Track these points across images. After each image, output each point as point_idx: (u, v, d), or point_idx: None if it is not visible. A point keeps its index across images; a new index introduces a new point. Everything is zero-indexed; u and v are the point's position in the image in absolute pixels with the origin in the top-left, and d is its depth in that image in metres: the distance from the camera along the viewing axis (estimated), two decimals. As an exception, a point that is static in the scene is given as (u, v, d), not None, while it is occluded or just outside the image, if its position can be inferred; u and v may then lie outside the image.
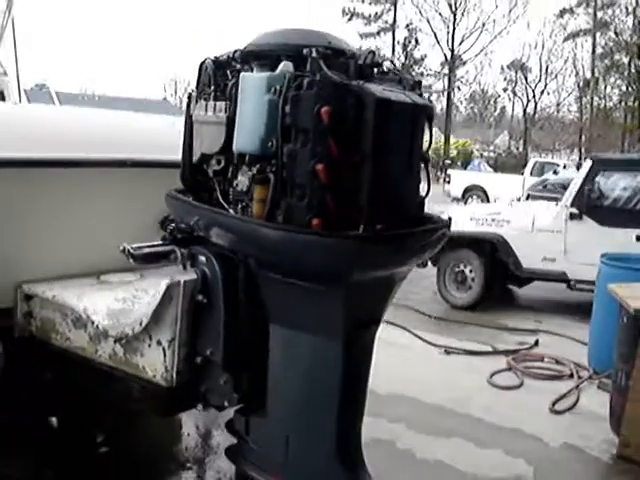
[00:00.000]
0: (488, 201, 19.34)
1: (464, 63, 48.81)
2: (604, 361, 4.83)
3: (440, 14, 46.13)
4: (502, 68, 52.12)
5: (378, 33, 47.53)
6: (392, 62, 1.89)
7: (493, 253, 7.71)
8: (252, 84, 1.76)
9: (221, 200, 1.97)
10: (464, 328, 7.10)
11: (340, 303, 1.79)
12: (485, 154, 42.97)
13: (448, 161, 36.83)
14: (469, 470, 3.97)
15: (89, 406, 3.11)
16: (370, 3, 47.03)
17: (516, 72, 51.12)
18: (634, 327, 4.24)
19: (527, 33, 69.85)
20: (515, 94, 52.74)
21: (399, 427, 4.52)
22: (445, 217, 2.02)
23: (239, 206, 1.90)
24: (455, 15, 45.78)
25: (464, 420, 4.69)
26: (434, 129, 53.25)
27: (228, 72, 1.91)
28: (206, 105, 1.95)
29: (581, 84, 47.38)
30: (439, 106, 51.43)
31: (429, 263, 8.12)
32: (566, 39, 46.47)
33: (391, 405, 4.86)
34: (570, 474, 4.04)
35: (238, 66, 1.88)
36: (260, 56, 1.83)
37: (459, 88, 50.81)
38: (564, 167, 17.12)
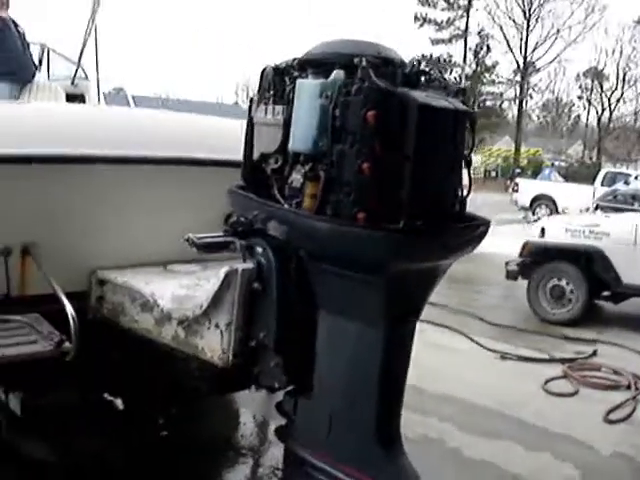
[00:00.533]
0: (557, 211, 18.98)
1: (538, 70, 47.94)
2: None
3: (514, 20, 45.42)
4: (578, 76, 50.96)
5: (450, 40, 47.13)
6: (440, 70, 2.03)
7: (589, 267, 7.44)
8: (307, 89, 1.93)
9: (277, 196, 2.15)
10: (522, 335, 7.12)
11: (382, 292, 1.95)
12: (557, 163, 42.13)
13: (518, 170, 36.27)
14: (514, 470, 4.07)
15: (152, 388, 3.33)
16: (442, 9, 46.71)
17: (592, 80, 49.96)
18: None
19: (604, 40, 68.06)
20: (590, 102, 51.55)
21: (448, 426, 4.64)
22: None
23: (293, 201, 2.08)
24: (529, 21, 45.02)
25: (514, 423, 4.77)
26: (506, 137, 52.51)
27: (286, 78, 2.09)
28: (266, 108, 2.14)
29: (659, 92, 45.97)
30: (510, 114, 50.83)
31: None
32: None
33: (442, 405, 4.98)
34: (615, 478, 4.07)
35: (295, 73, 2.06)
36: (315, 64, 2.00)
37: (531, 96, 49.86)
38: (636, 178, 16.72)
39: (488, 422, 4.74)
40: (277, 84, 2.11)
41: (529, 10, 44.81)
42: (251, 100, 2.24)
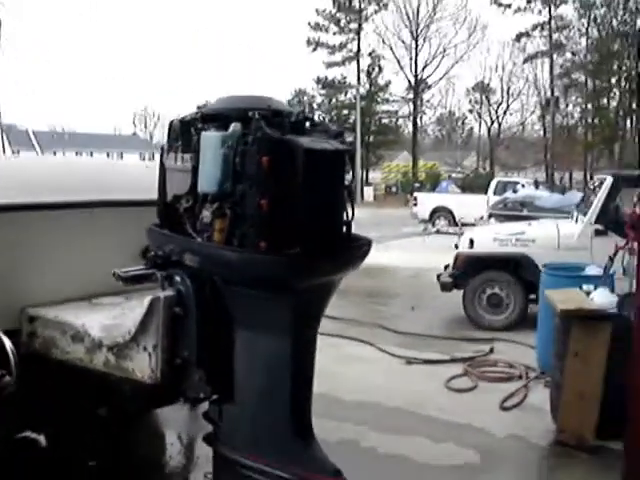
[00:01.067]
0: (455, 222, 19.90)
1: (429, 87, 49.93)
2: (549, 362, 5.33)
3: (402, 41, 47.31)
4: (467, 91, 53.28)
5: (343, 62, 48.57)
6: (321, 117, 2.44)
7: (520, 273, 7.86)
8: (210, 141, 2.29)
9: (190, 231, 2.49)
10: (426, 341, 7.63)
11: (287, 306, 2.32)
12: (453, 175, 43.83)
13: (417, 184, 37.55)
14: (425, 461, 4.51)
15: (87, 415, 3.59)
16: (334, 33, 48.10)
17: (480, 94, 52.39)
18: (564, 328, 4.82)
19: (488, 57, 71.76)
20: (480, 115, 53.98)
21: (363, 429, 5.03)
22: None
23: (204, 235, 2.43)
24: (417, 41, 47.05)
25: (422, 420, 5.23)
26: (404, 153, 53.73)
27: (192, 129, 2.44)
28: (175, 156, 2.49)
29: (543, 103, 48.69)
30: (406, 131, 52.63)
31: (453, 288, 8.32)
32: (525, 61, 47.97)
33: (355, 410, 5.38)
34: (512, 458, 4.59)
35: (199, 125, 2.42)
36: (216, 118, 2.37)
37: (424, 112, 51.81)
38: (522, 186, 17.89)
39: (398, 421, 5.18)
40: (184, 135, 2.46)
41: (416, 30, 46.84)
42: (162, 148, 2.58)
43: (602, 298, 4.86)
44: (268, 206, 2.18)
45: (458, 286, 8.38)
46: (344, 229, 2.48)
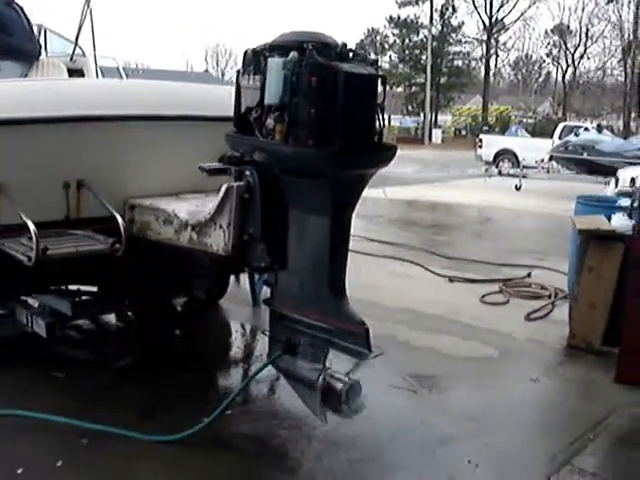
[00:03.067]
0: (518, 164, 20.09)
1: (506, 29, 48.72)
2: (576, 283, 5.93)
3: (479, -20, 46.07)
4: (546, 33, 51.69)
5: (416, 1, 47.79)
6: (362, 48, 3.15)
7: None
8: (274, 65, 3.03)
9: (258, 134, 3.26)
10: (470, 264, 8.30)
11: (327, 191, 3.08)
12: (525, 120, 43.18)
13: (486, 127, 37.30)
14: (449, 353, 5.28)
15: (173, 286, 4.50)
16: (408, -29, 47.19)
17: (559, 37, 50.82)
18: (582, 246, 5.45)
19: (567, -4, 68.90)
20: (558, 59, 52.49)
21: (401, 327, 5.82)
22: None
23: (269, 137, 3.19)
24: (493, -20, 45.73)
25: (454, 324, 5.97)
26: (477, 97, 52.63)
27: (261, 57, 3.18)
28: (248, 77, 3.25)
29: (625, 47, 46.86)
30: (481, 74, 51.74)
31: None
32: (609, 1, 45.99)
33: (396, 314, 6.17)
34: (525, 355, 5.30)
35: (267, 53, 3.16)
36: (280, 48, 3.10)
37: (497, 55, 50.70)
38: (585, 129, 17.96)
39: (433, 323, 5.96)
40: (255, 61, 3.21)
41: (493, -32, 45.52)
42: (238, 72, 3.34)
43: (619, 222, 5.43)
44: (315, 114, 2.93)
45: None
46: (376, 137, 3.21)
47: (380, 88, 3.15)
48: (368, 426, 3.79)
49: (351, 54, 3.14)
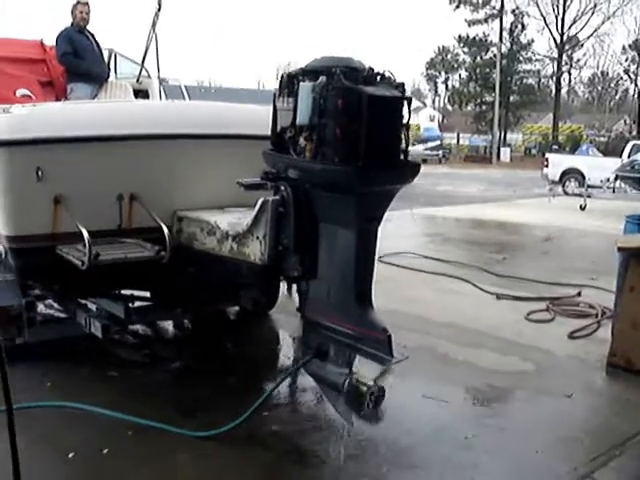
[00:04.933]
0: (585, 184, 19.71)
1: (580, 45, 47.85)
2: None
3: (549, -4, 45.43)
4: (623, 48, 50.48)
5: (486, 20, 47.55)
6: (390, 72, 3.37)
7: None
8: (305, 89, 3.29)
9: (292, 152, 3.51)
10: (523, 283, 8.32)
11: (352, 205, 3.31)
12: (598, 139, 42.24)
13: (555, 147, 36.71)
14: (486, 366, 5.38)
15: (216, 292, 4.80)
16: (478, -10, 47.00)
17: (638, 52, 49.56)
18: (623, 264, 5.48)
19: (645, 12, 67.02)
20: (635, 76, 51.18)
21: (441, 341, 5.95)
22: None
23: (301, 155, 3.44)
24: (565, -3, 45.04)
25: (495, 339, 6.06)
26: (549, 115, 51.59)
27: (295, 81, 3.45)
28: (283, 100, 3.52)
29: None
30: (553, 91, 50.90)
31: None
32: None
33: (439, 328, 6.31)
34: (562, 371, 5.34)
35: (300, 77, 3.42)
36: (311, 72, 3.36)
37: (569, 72, 49.86)
38: (654, 149, 17.54)
39: (474, 338, 6.05)
40: (289, 85, 3.48)
41: (566, -16, 44.83)
42: (274, 95, 3.62)
43: (663, 241, 5.44)
44: (341, 133, 3.17)
45: None
46: (402, 155, 3.42)
47: (405, 109, 3.36)
48: (396, 431, 3.98)
49: (378, 77, 3.37)
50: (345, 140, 3.19)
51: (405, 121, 3.37)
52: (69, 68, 6.74)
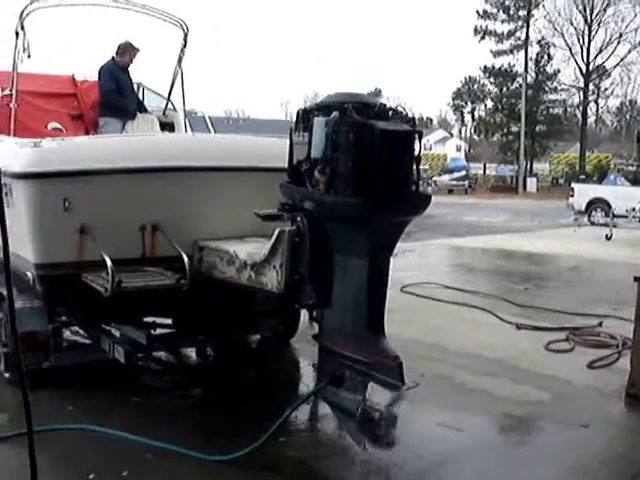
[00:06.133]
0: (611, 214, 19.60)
1: (608, 74, 47.75)
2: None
3: (575, 27, 45.54)
4: (652, 77, 50.21)
5: (511, 51, 47.75)
6: (401, 106, 3.51)
7: None
8: (319, 124, 3.43)
9: (307, 184, 3.64)
10: (544, 313, 8.31)
11: (364, 235, 3.42)
12: (626, 168, 41.87)
13: (582, 176, 36.46)
14: (502, 395, 5.40)
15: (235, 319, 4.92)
16: (502, 21, 47.23)
17: (666, 81, 49.27)
18: (638, 291, 5.50)
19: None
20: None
21: (459, 371, 5.98)
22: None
23: (315, 187, 3.57)
24: (590, 26, 45.10)
25: (512, 369, 6.07)
26: (577, 145, 51.35)
27: (310, 116, 3.59)
28: (299, 134, 3.66)
29: None
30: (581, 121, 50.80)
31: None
32: None
33: (457, 357, 6.34)
34: (579, 400, 5.35)
35: (315, 113, 3.56)
36: (324, 108, 3.51)
37: (596, 102, 49.77)
38: (681, 179, 17.42)
39: (491, 368, 6.08)
40: (304, 120, 3.62)
41: (590, 15, 44.90)
42: (290, 129, 3.76)
43: (680, 271, 5.45)
44: (352, 166, 3.30)
45: None
46: (413, 186, 3.53)
47: (416, 143, 3.48)
48: (409, 456, 4.04)
49: (390, 112, 3.50)
50: (356, 173, 3.32)
51: (416, 154, 3.49)
52: (109, 104, 6.97)
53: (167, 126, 7.53)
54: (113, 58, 7.08)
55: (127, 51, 7.03)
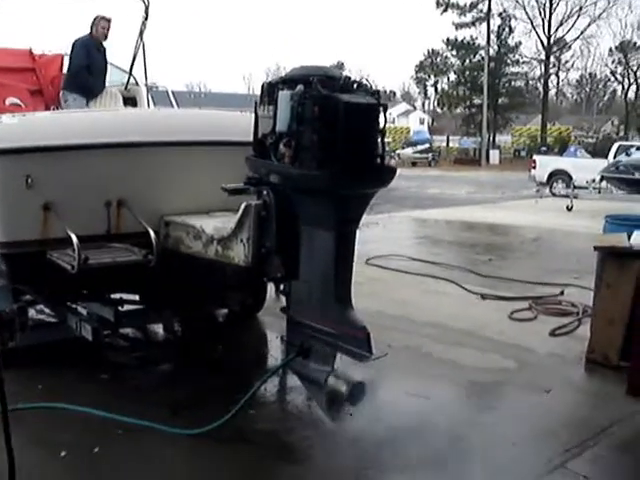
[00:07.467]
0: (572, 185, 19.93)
1: (568, 47, 48.20)
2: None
3: (536, 0, 45.83)
4: (610, 51, 50.92)
5: (473, 23, 47.90)
6: (365, 79, 3.52)
7: None
8: (284, 97, 3.43)
9: (273, 158, 3.65)
10: (507, 283, 8.46)
11: (332, 207, 3.44)
12: (586, 140, 42.52)
13: (543, 148, 36.94)
14: (468, 364, 5.51)
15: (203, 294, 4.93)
16: (465, -6, 47.27)
17: (624, 54, 50.02)
18: (600, 262, 5.63)
19: (629, 14, 67.74)
20: (622, 77, 51.58)
21: (426, 340, 6.09)
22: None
23: (281, 160, 3.57)
24: (551, 0, 45.42)
25: (477, 338, 6.20)
26: (538, 117, 51.90)
27: (275, 89, 3.59)
28: (264, 107, 3.66)
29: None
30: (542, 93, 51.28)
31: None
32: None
33: (423, 327, 6.44)
34: (542, 367, 5.49)
35: (280, 86, 3.56)
36: (290, 81, 3.50)
37: (557, 75, 50.26)
38: (637, 149, 17.77)
39: (457, 338, 6.19)
40: (269, 94, 3.62)
41: (552, -13, 45.14)
42: (255, 103, 3.76)
43: (638, 239, 5.58)
44: (317, 139, 3.31)
45: None
46: (379, 159, 3.56)
47: (381, 116, 3.50)
48: (378, 425, 4.11)
49: (355, 85, 3.51)
50: (322, 146, 3.33)
51: (381, 127, 3.51)
52: (77, 82, 6.86)
53: (130, 101, 7.43)
54: (91, 34, 6.97)
55: (98, 23, 6.93)
